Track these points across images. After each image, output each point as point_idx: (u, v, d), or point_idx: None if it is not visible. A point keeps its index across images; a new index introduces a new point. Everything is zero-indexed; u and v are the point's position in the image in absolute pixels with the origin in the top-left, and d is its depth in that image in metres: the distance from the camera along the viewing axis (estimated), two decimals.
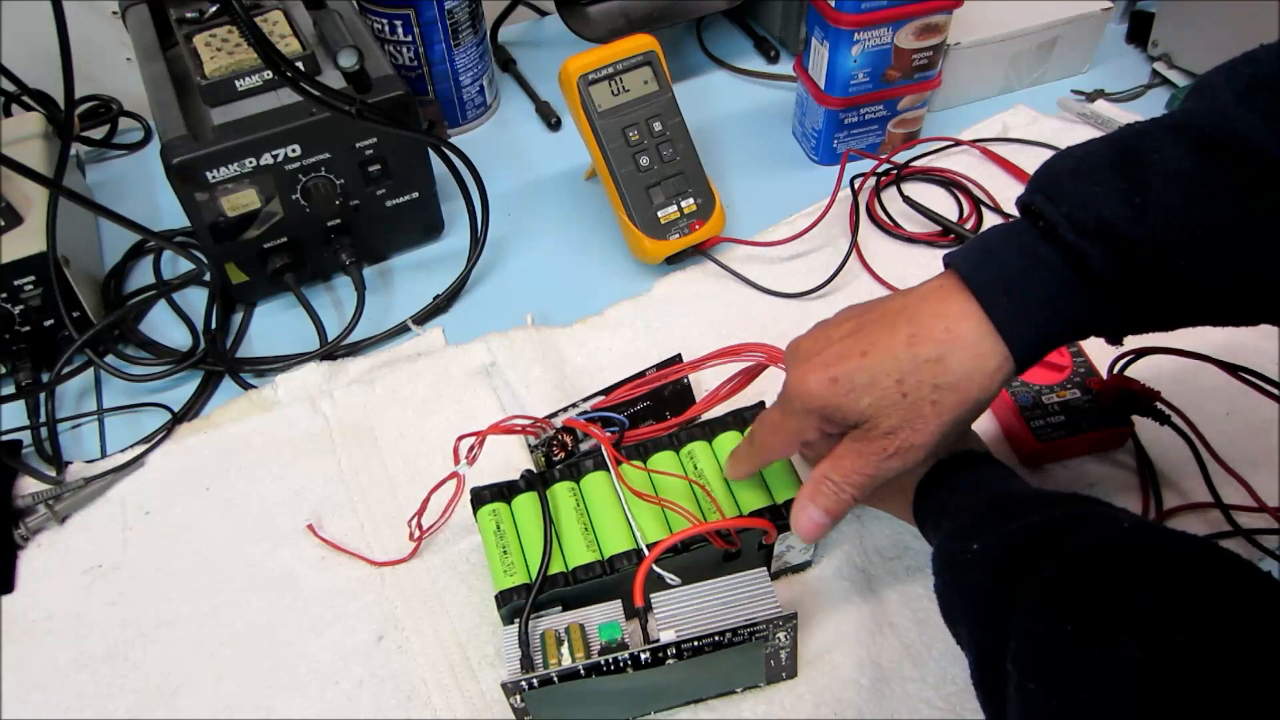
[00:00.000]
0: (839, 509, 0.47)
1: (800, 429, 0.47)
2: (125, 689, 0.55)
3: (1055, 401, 0.62)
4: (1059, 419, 0.61)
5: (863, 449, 0.45)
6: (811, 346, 0.47)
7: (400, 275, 0.78)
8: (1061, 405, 0.61)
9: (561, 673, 0.46)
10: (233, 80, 0.67)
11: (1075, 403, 0.61)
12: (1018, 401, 0.62)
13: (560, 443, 0.58)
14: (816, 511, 0.47)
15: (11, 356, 0.68)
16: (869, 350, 0.44)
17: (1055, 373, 0.63)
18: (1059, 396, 0.62)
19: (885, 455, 0.44)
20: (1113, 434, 0.61)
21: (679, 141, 0.73)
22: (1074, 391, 0.62)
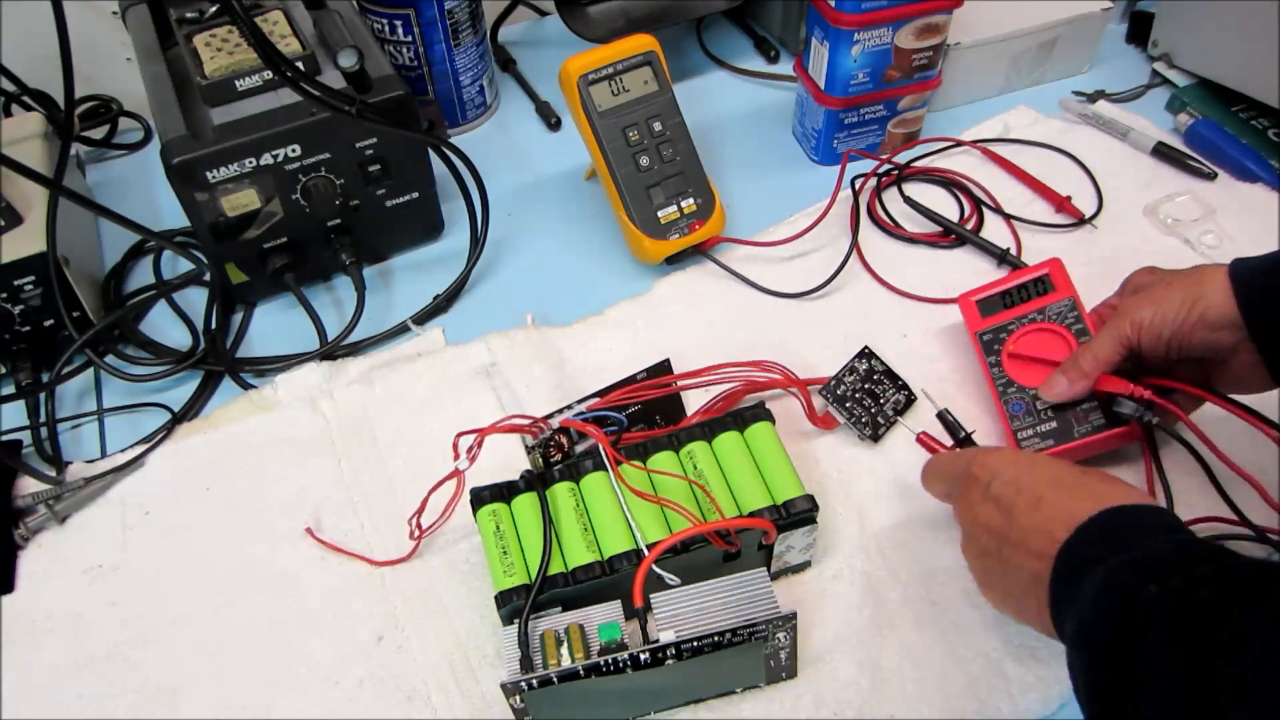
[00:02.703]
0: (1076, 372, 0.57)
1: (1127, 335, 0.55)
2: (125, 689, 0.55)
3: (1050, 407, 0.60)
4: (1050, 426, 0.59)
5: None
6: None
7: (400, 275, 0.78)
8: (1054, 410, 0.60)
9: (561, 673, 0.46)
10: (233, 80, 0.67)
11: (1070, 405, 0.59)
12: (1009, 411, 0.61)
13: (557, 444, 0.58)
14: (1060, 378, 0.58)
15: (11, 356, 0.68)
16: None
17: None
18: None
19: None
20: (1111, 438, 0.58)
21: (679, 141, 0.73)
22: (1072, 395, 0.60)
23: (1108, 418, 0.58)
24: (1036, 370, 0.61)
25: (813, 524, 0.54)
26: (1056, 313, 0.62)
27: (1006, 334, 0.63)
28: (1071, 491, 0.46)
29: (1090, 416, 0.59)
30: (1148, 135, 0.82)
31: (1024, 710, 0.52)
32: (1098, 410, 0.59)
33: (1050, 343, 0.62)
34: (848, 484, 0.62)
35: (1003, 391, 0.62)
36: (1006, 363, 0.62)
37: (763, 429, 0.56)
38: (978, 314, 0.65)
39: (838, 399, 0.64)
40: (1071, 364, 0.58)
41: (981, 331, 0.64)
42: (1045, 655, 0.54)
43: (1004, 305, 0.64)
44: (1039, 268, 0.64)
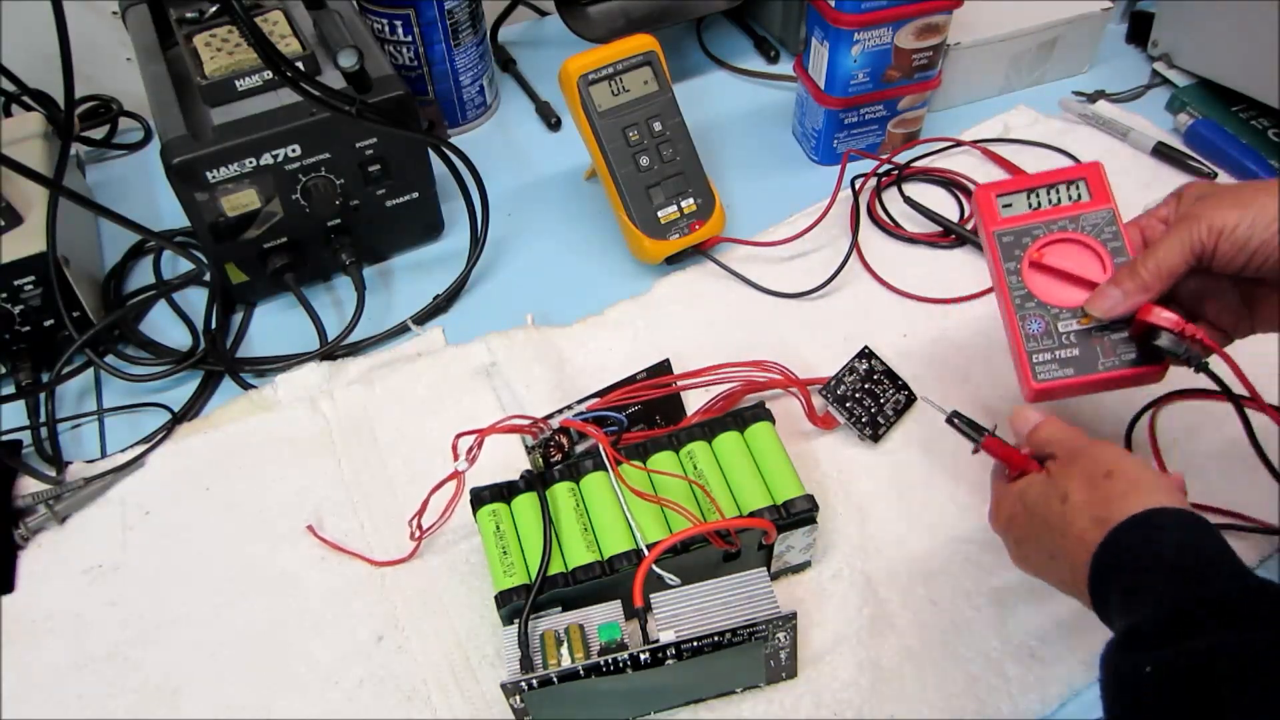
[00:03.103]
0: (1131, 283, 0.51)
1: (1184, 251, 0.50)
2: (125, 689, 0.55)
3: (1072, 330, 0.53)
4: (1071, 353, 0.53)
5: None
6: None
7: (400, 275, 0.78)
8: (1078, 335, 0.53)
9: (561, 673, 0.46)
10: (233, 80, 0.67)
11: (1099, 331, 0.53)
12: (1025, 329, 0.54)
13: (557, 444, 0.58)
14: (1114, 289, 0.51)
15: (11, 356, 0.68)
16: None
17: (1085, 291, 0.54)
18: (1080, 324, 0.54)
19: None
20: (1139, 375, 0.53)
21: (679, 141, 0.73)
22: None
23: (1141, 352, 0.52)
24: (1062, 286, 0.54)
25: (813, 524, 0.54)
26: (1092, 225, 0.55)
27: (1030, 239, 0.55)
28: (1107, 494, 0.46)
29: (1119, 348, 0.52)
30: (1148, 135, 0.82)
31: (1024, 710, 0.52)
32: (1129, 341, 0.52)
33: (1081, 257, 0.54)
34: (848, 484, 0.62)
35: (1019, 306, 0.55)
36: (1026, 273, 0.55)
37: (763, 429, 0.56)
38: (997, 210, 0.56)
39: (838, 399, 0.64)
40: (1129, 273, 0.51)
41: (1001, 232, 0.56)
42: (1045, 655, 0.54)
43: (1030, 206, 0.56)
44: (1076, 170, 0.57)
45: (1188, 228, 0.49)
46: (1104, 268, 0.54)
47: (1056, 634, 0.54)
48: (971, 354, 0.67)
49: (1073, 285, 0.54)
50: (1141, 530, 0.44)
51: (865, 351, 0.65)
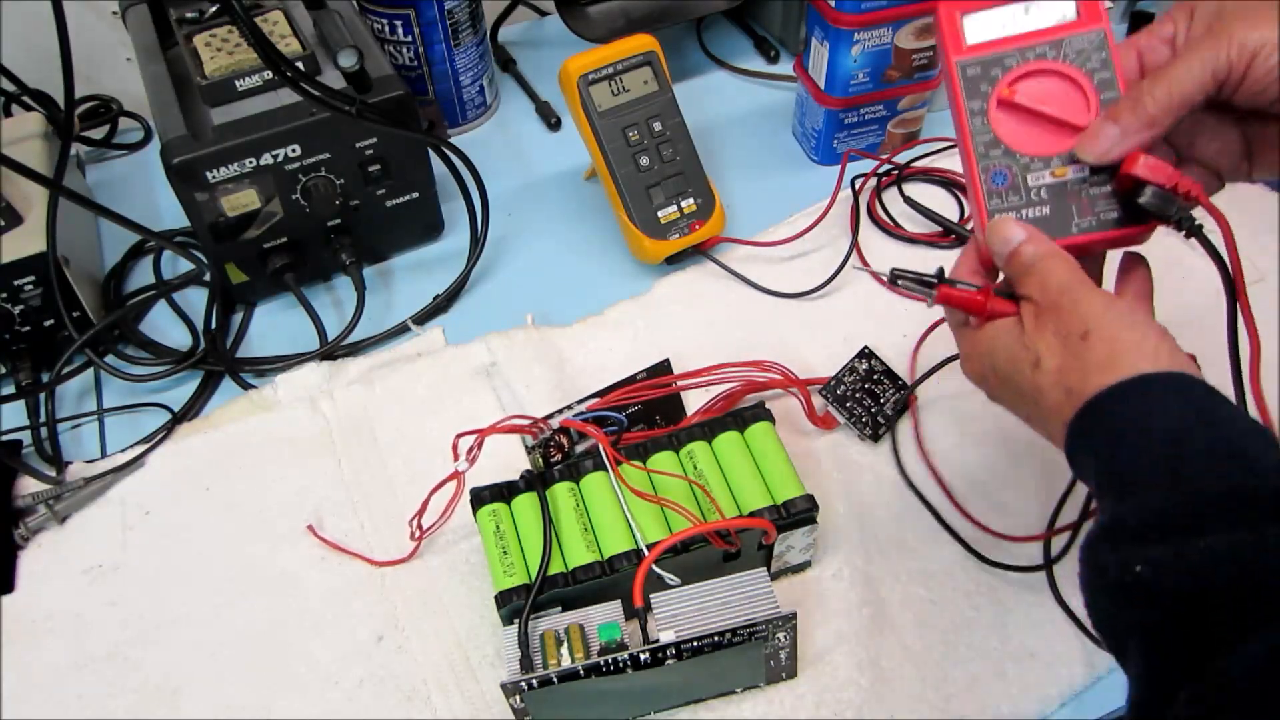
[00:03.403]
0: (1134, 117, 0.42)
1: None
2: (125, 689, 0.55)
3: (1044, 184, 0.45)
4: (1041, 211, 0.45)
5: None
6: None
7: (400, 275, 0.78)
8: (1051, 190, 0.45)
9: (561, 673, 0.46)
10: (233, 80, 0.67)
11: (1075, 185, 0.45)
12: (987, 183, 0.46)
13: (557, 444, 0.58)
14: (1110, 126, 0.43)
15: (11, 356, 0.68)
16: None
17: (1062, 137, 0.46)
18: (1053, 176, 0.46)
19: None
20: (1119, 238, 0.46)
21: (679, 141, 0.73)
22: (1079, 168, 0.45)
23: (1124, 211, 0.44)
24: (1035, 131, 0.46)
25: (813, 524, 0.54)
26: (1078, 51, 0.45)
27: (1001, 71, 0.46)
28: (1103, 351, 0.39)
29: (1098, 205, 0.45)
30: None
31: (1024, 710, 0.52)
32: (1110, 198, 0.45)
33: (1061, 94, 0.46)
34: (848, 484, 0.62)
35: (982, 155, 0.46)
36: (994, 113, 0.46)
37: (763, 429, 0.56)
38: (962, 34, 0.47)
39: (838, 399, 0.64)
40: (1130, 105, 0.42)
41: (965, 62, 0.46)
42: (1045, 655, 0.54)
43: (1003, 29, 0.47)
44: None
45: (1211, 47, 0.40)
46: (1088, 106, 0.45)
47: (1056, 634, 0.54)
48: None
49: (1048, 129, 0.45)
50: (1118, 404, 0.38)
51: (865, 351, 0.65)
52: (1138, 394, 0.38)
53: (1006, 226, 0.44)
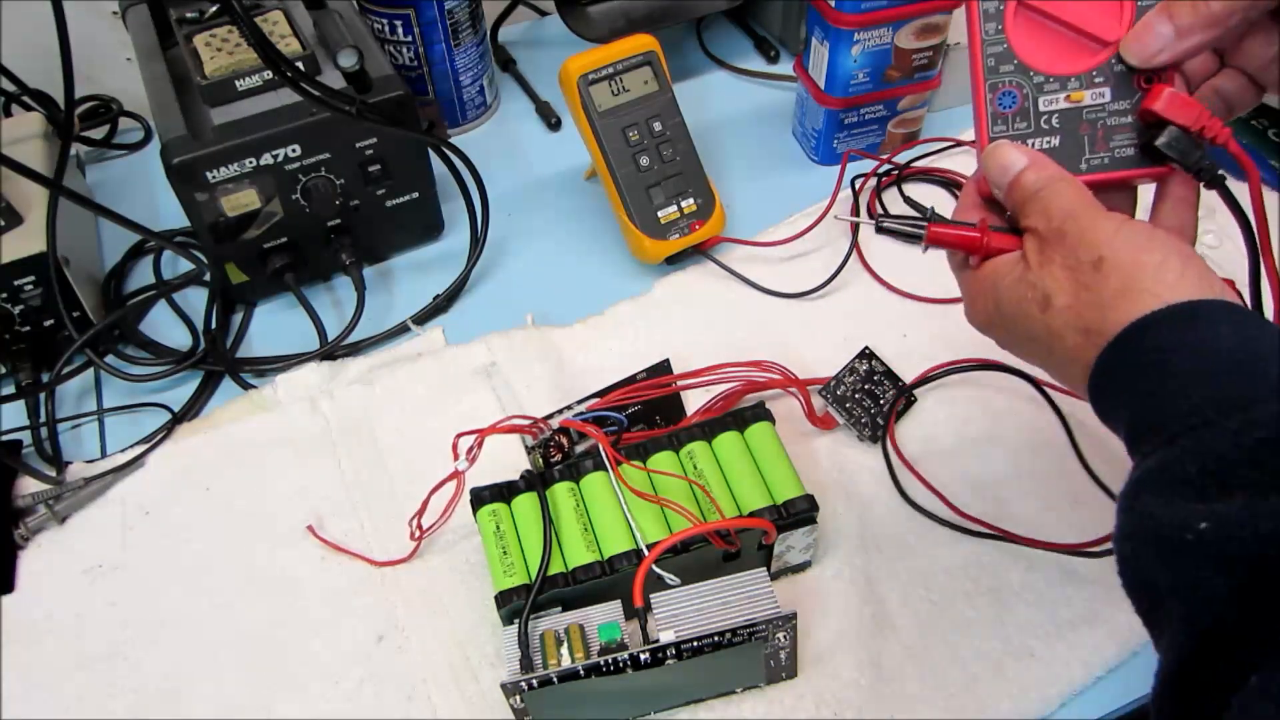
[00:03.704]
0: (1191, 15, 0.37)
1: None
2: (125, 689, 0.55)
3: (1057, 110, 0.41)
4: (1050, 142, 0.41)
5: None
6: None
7: (400, 275, 0.78)
8: (1064, 117, 0.40)
9: (561, 673, 0.46)
10: (233, 80, 0.67)
11: (1091, 114, 0.40)
12: (994, 104, 0.41)
13: (557, 444, 0.58)
14: (1164, 23, 0.37)
15: (11, 356, 0.68)
16: None
17: (1085, 55, 0.40)
18: (1069, 100, 0.41)
19: None
20: (1131, 178, 0.41)
21: (679, 141, 0.73)
22: (1099, 93, 0.40)
23: (1142, 148, 0.40)
24: (1056, 44, 0.40)
25: (813, 524, 0.54)
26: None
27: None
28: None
29: (1114, 139, 0.40)
30: None
31: (1024, 710, 0.52)
32: (1129, 131, 0.40)
33: (1090, 2, 0.40)
34: (848, 484, 0.62)
35: (991, 69, 0.41)
36: (1011, 20, 0.41)
37: (762, 429, 0.56)
38: None
39: (837, 399, 0.64)
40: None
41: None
42: (1045, 655, 0.54)
43: None
44: None
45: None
46: (1121, 16, 0.39)
47: (1056, 634, 0.54)
48: (972, 355, 0.67)
49: (1070, 44, 0.40)
50: (1153, 337, 0.33)
51: (865, 352, 0.65)
52: (1175, 324, 0.33)
53: (1005, 152, 0.40)
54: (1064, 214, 0.37)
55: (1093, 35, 0.40)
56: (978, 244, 0.41)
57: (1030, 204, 0.39)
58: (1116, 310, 0.34)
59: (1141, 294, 0.34)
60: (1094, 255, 0.35)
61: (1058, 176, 0.39)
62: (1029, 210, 0.39)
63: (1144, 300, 0.34)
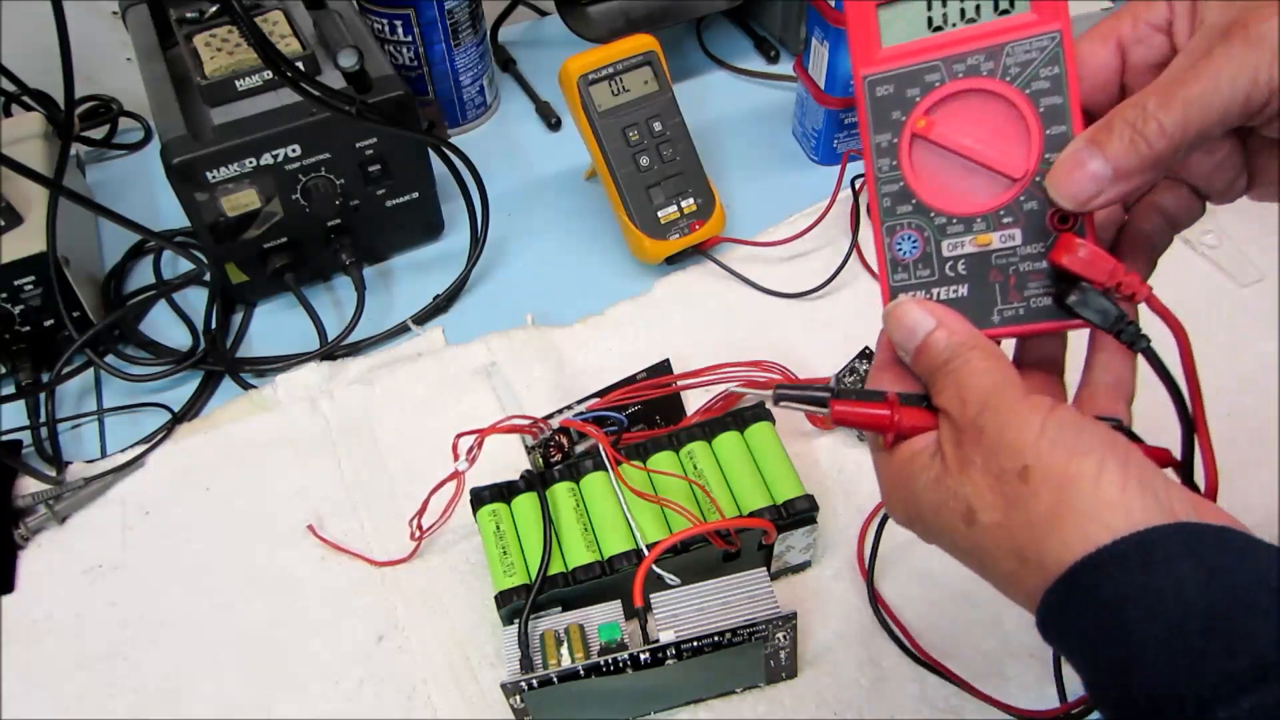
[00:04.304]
0: (1133, 154, 0.30)
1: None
2: (125, 689, 0.55)
3: (963, 255, 0.35)
4: (957, 291, 0.36)
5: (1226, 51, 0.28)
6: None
7: (400, 275, 0.78)
8: (970, 263, 0.35)
9: (561, 673, 0.46)
10: (233, 80, 0.67)
11: (1001, 258, 0.35)
12: (893, 249, 0.36)
13: (557, 444, 0.58)
14: (1098, 160, 0.31)
15: (11, 356, 0.68)
16: None
17: (991, 192, 0.35)
18: (975, 244, 0.35)
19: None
20: (1044, 331, 0.36)
21: (679, 141, 0.73)
22: (1008, 235, 0.35)
23: (1060, 297, 0.35)
24: (957, 179, 0.35)
25: (813, 524, 0.54)
26: (1020, 62, 0.34)
27: (920, 92, 0.35)
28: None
29: (1028, 287, 0.35)
30: None
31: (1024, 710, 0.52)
32: (1042, 278, 0.35)
33: (994, 126, 0.34)
34: (848, 484, 0.62)
35: (888, 209, 0.36)
36: (907, 153, 0.35)
37: (763, 429, 0.56)
38: (875, 32, 0.35)
39: None
40: (1128, 131, 0.30)
41: (875, 78, 0.35)
42: (1045, 655, 0.54)
43: (931, 27, 0.35)
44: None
45: (1243, 56, 0.28)
46: (1029, 145, 0.34)
47: None
48: None
49: (974, 180, 0.35)
50: (1096, 592, 0.28)
51: (865, 352, 0.65)
52: (1127, 567, 0.28)
53: (907, 312, 0.35)
54: (980, 401, 0.32)
55: (994, 168, 0.35)
56: (887, 422, 0.35)
57: (941, 377, 0.34)
58: (1054, 539, 0.29)
59: (1081, 521, 0.29)
60: (1018, 464, 0.30)
61: (969, 342, 0.34)
62: (940, 386, 0.34)
63: (1086, 530, 0.29)
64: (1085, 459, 0.29)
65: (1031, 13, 0.34)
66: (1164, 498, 0.29)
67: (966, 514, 0.32)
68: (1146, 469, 0.30)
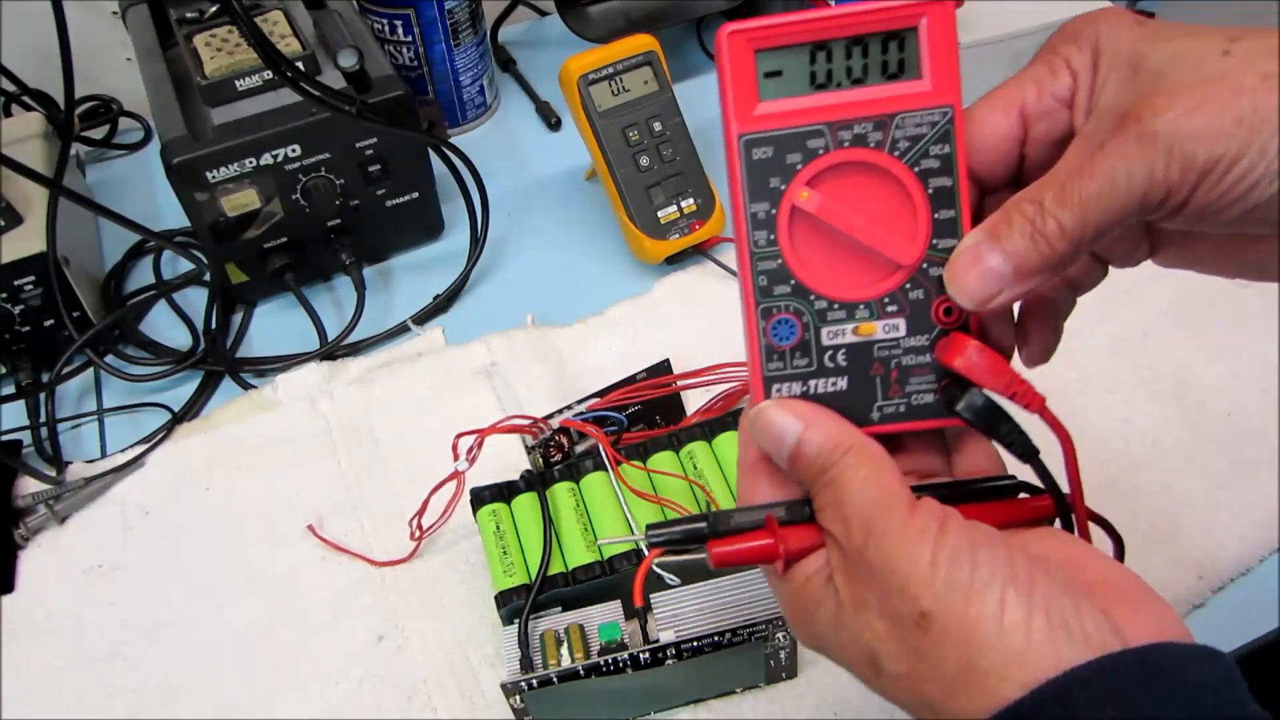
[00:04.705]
0: (1034, 253, 0.28)
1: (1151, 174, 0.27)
2: (125, 689, 0.55)
3: (844, 344, 0.32)
4: (836, 384, 0.33)
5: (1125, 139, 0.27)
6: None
7: (400, 275, 0.78)
8: (852, 353, 0.32)
9: (561, 673, 0.46)
10: (233, 80, 0.67)
11: (884, 350, 0.32)
12: (767, 335, 0.33)
13: (557, 444, 0.58)
14: (997, 257, 0.29)
15: (11, 356, 0.68)
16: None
17: (876, 276, 0.32)
18: (857, 333, 0.33)
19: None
20: (927, 427, 0.34)
21: (679, 141, 0.73)
22: (891, 325, 0.33)
23: (944, 402, 0.32)
24: (838, 260, 0.32)
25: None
26: (910, 136, 0.31)
27: (802, 159, 0.32)
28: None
29: (911, 382, 0.33)
30: None
31: None
32: (927, 373, 0.33)
33: (882, 201, 0.32)
34: None
35: (763, 289, 0.33)
36: (786, 227, 0.32)
37: None
38: (753, 86, 0.32)
39: None
40: (1027, 228, 0.29)
41: (753, 138, 0.32)
42: None
43: (814, 84, 0.32)
44: (905, 9, 0.31)
45: (1137, 154, 0.27)
46: (915, 226, 0.31)
47: None
48: None
49: (858, 262, 0.32)
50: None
51: None
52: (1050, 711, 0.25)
53: (772, 419, 0.32)
54: (864, 524, 0.29)
55: (877, 251, 0.31)
56: (773, 553, 0.32)
57: (820, 491, 0.31)
58: (963, 696, 0.27)
59: (990, 679, 0.26)
60: (915, 609, 0.28)
61: (843, 445, 0.30)
62: (820, 501, 0.31)
63: (997, 688, 0.26)
64: (985, 598, 0.27)
65: (924, 81, 0.31)
66: (1076, 626, 0.26)
67: (871, 662, 0.30)
68: (1053, 593, 0.27)
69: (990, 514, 0.31)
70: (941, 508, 0.29)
